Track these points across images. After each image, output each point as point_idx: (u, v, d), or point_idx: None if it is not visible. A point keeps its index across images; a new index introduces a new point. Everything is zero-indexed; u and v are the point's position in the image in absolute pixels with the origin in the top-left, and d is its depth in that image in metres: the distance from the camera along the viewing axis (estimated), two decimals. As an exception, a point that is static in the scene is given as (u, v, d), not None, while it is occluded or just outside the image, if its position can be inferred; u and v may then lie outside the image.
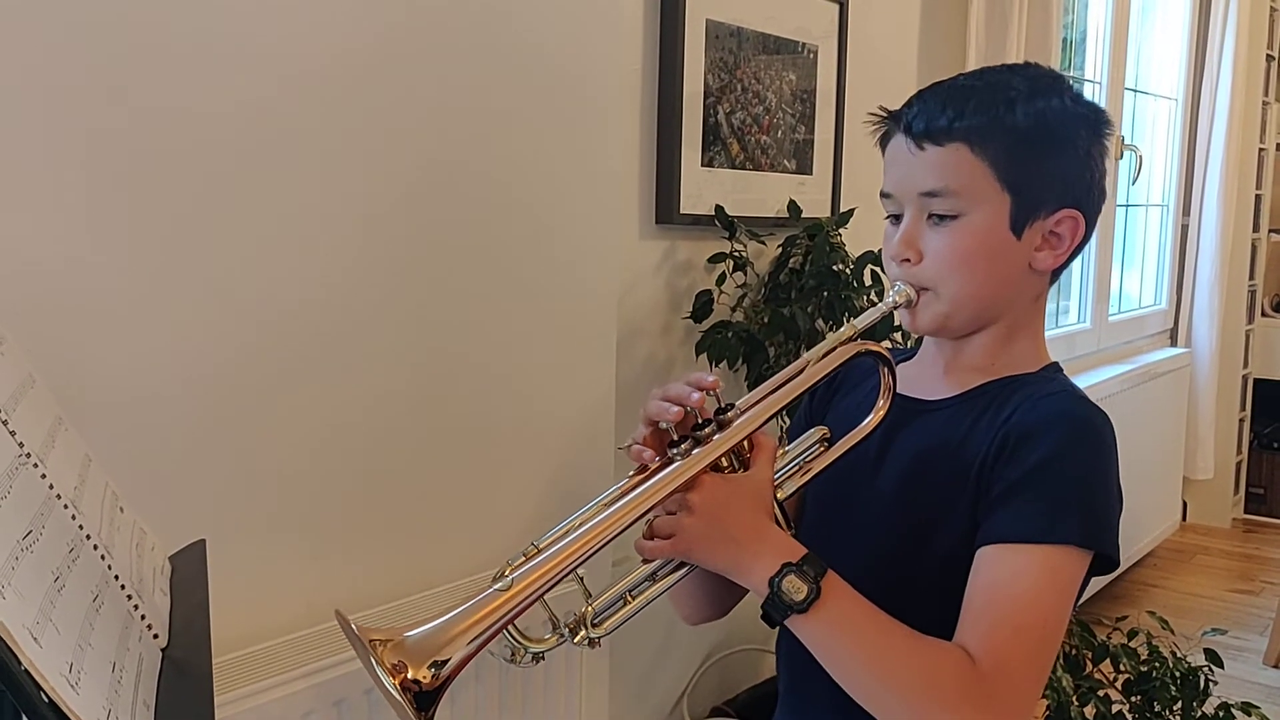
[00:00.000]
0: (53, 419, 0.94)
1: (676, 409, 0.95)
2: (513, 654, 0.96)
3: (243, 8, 1.43)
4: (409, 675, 0.84)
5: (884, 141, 1.08)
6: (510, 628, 0.92)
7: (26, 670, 0.63)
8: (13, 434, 0.81)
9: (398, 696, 0.84)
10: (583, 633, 0.96)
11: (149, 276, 1.38)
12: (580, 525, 0.93)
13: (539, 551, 0.92)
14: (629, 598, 0.98)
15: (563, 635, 0.96)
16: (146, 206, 1.37)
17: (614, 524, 0.92)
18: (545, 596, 0.93)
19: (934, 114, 1.02)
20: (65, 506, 0.84)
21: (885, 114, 1.08)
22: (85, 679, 0.69)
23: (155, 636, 0.90)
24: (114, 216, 1.34)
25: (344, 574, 1.62)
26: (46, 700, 0.63)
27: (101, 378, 1.34)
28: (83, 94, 1.30)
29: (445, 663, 0.85)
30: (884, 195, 1.07)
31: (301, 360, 1.55)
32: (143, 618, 0.89)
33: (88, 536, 0.85)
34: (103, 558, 0.87)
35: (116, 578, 0.87)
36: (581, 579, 0.96)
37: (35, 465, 0.82)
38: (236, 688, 1.38)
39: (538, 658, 0.96)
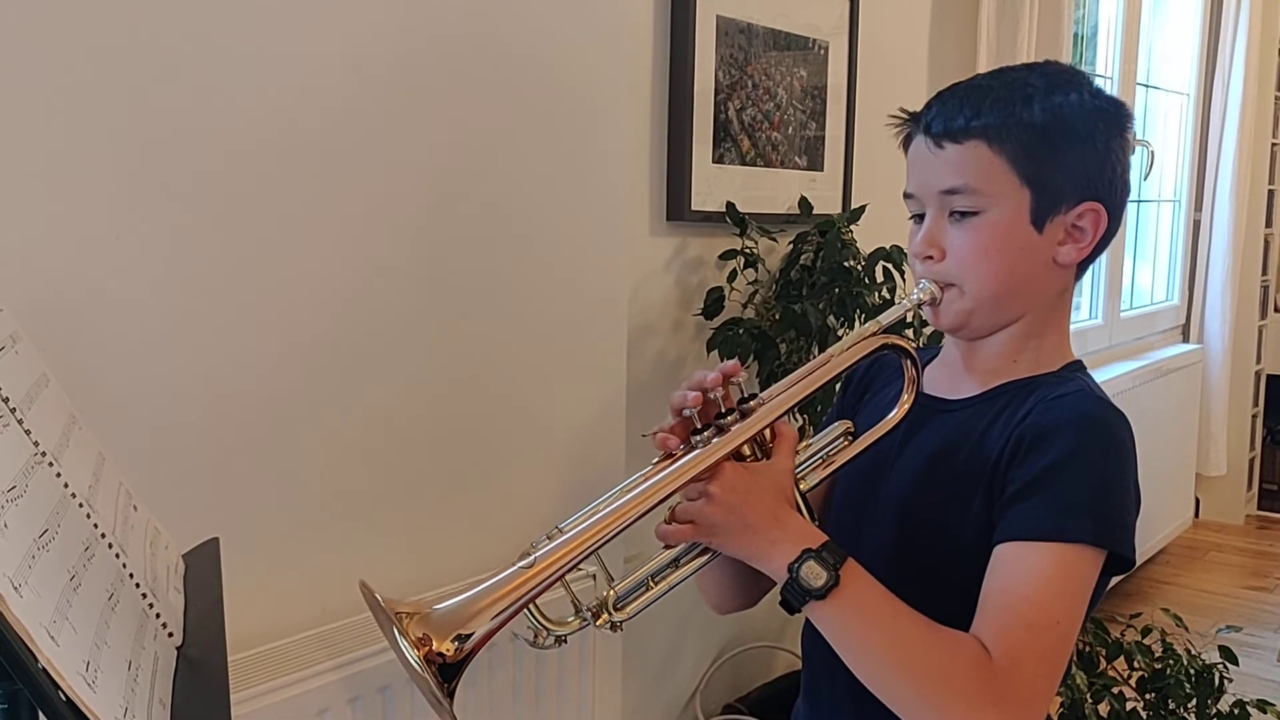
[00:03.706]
0: (67, 418, 0.94)
1: (695, 394, 0.96)
2: (535, 636, 0.97)
3: (267, 31, 1.44)
4: (434, 648, 0.86)
5: (906, 143, 1.09)
6: (534, 610, 0.94)
7: (44, 669, 0.62)
8: (28, 433, 0.81)
9: (421, 669, 0.85)
10: (605, 616, 0.98)
11: (164, 276, 1.38)
12: (602, 508, 0.94)
13: (562, 533, 0.93)
14: (651, 583, 0.99)
15: (585, 619, 0.97)
16: (162, 207, 1.37)
17: (635, 507, 0.94)
18: (569, 583, 0.95)
19: (952, 113, 1.02)
20: (80, 505, 0.84)
21: (906, 116, 1.09)
22: (102, 677, 0.69)
23: (170, 635, 0.90)
24: (127, 217, 1.34)
25: (357, 573, 1.60)
26: (64, 699, 0.63)
27: (115, 376, 1.34)
28: (113, 103, 1.30)
29: (469, 636, 0.87)
30: (907, 196, 1.08)
31: (316, 359, 1.55)
32: (158, 616, 0.89)
33: (103, 535, 0.85)
34: (117, 556, 0.86)
35: (131, 576, 0.87)
36: (604, 564, 0.98)
37: (50, 464, 0.82)
38: (251, 686, 1.39)
39: (560, 640, 0.97)
